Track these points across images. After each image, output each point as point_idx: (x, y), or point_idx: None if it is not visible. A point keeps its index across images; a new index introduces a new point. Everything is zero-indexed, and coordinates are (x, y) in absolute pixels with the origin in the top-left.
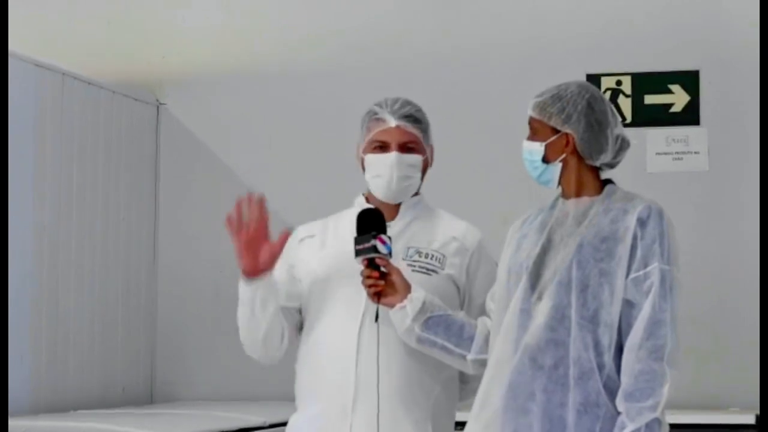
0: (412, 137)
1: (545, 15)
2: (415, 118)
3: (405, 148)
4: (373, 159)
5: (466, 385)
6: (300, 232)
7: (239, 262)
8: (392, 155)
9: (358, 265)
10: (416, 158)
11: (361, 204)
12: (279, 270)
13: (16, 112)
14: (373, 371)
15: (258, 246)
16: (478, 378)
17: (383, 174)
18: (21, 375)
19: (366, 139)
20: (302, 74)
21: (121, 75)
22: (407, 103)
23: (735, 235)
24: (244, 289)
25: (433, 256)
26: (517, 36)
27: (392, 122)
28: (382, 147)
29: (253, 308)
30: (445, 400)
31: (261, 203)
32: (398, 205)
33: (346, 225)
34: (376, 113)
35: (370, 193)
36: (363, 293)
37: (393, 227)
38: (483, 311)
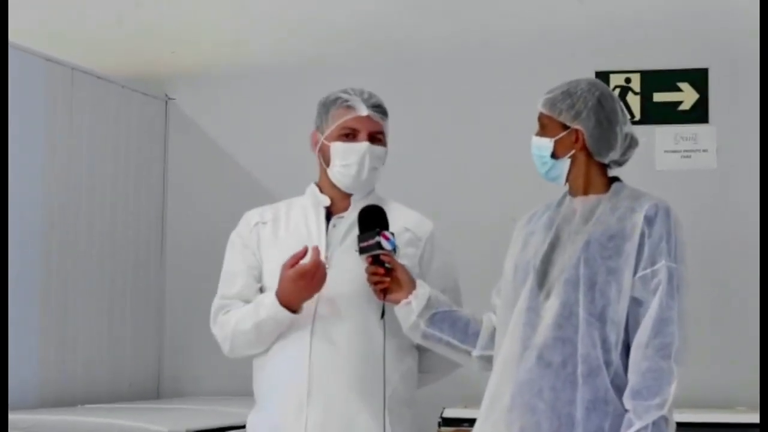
0: (380, 128)
1: (554, 12)
2: (383, 109)
3: (374, 138)
4: (343, 147)
5: (426, 375)
6: (252, 217)
7: (300, 293)
8: (364, 144)
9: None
10: (383, 150)
11: (314, 193)
12: (245, 255)
13: (25, 106)
14: (326, 363)
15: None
16: (437, 368)
17: (354, 163)
18: (29, 369)
19: (333, 126)
20: (311, 70)
21: (131, 70)
22: (373, 94)
23: (743, 233)
24: (285, 316)
25: None
26: (526, 34)
27: (364, 111)
28: (351, 135)
29: (271, 335)
30: (404, 391)
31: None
32: (350, 197)
33: (298, 216)
34: (346, 100)
35: (324, 181)
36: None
37: (346, 218)
38: None
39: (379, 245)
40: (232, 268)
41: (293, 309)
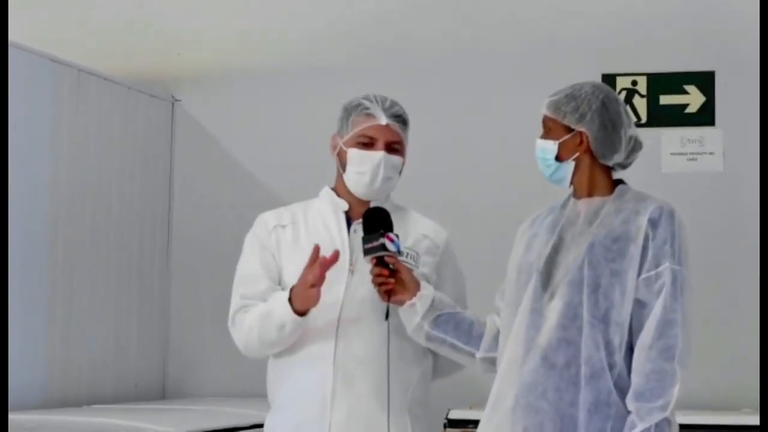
0: (398, 138)
1: (561, 15)
2: (404, 119)
3: (391, 148)
4: (359, 154)
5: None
6: (269, 219)
7: (308, 298)
8: (380, 154)
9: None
10: (399, 160)
11: (329, 196)
12: (264, 257)
13: (32, 107)
14: (350, 366)
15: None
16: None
17: (367, 171)
18: (35, 369)
19: (352, 132)
20: (315, 72)
21: (137, 71)
22: (395, 103)
23: (749, 236)
24: (296, 320)
25: (407, 253)
26: (533, 36)
27: (383, 120)
28: (368, 143)
29: (280, 334)
30: (421, 393)
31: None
32: (367, 203)
33: (317, 221)
34: (366, 108)
35: (341, 185)
36: (340, 290)
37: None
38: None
39: (383, 247)
40: (251, 269)
41: (300, 311)
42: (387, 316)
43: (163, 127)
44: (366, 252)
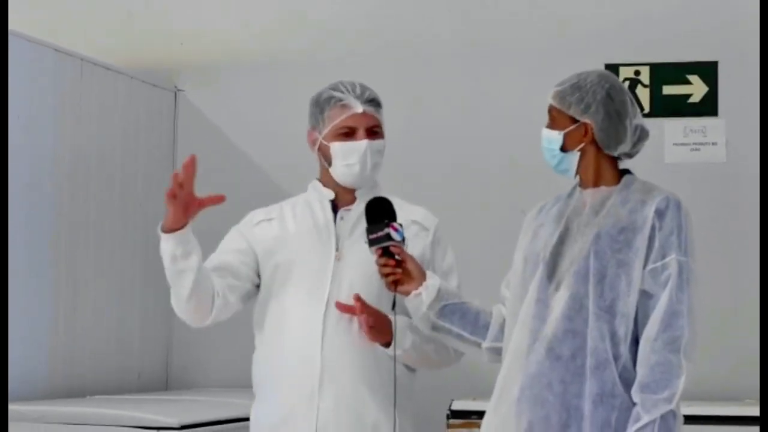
0: (376, 121)
1: (564, 5)
2: (378, 101)
3: (371, 132)
4: (343, 147)
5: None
6: (257, 215)
7: (169, 214)
8: (364, 143)
9: (319, 248)
10: (382, 143)
11: (317, 188)
12: (237, 242)
13: (34, 97)
14: (337, 354)
15: (185, 203)
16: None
17: (356, 162)
18: (38, 360)
19: (330, 126)
20: (320, 63)
21: (140, 61)
22: (365, 87)
23: (751, 226)
24: (165, 244)
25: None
26: (536, 26)
27: (359, 108)
28: (349, 133)
29: (176, 263)
30: (407, 382)
31: (191, 163)
32: (353, 191)
33: (304, 211)
34: (340, 99)
35: (326, 177)
36: (326, 276)
37: (353, 211)
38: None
39: (388, 237)
40: (217, 251)
41: (168, 229)
42: (393, 306)
43: (165, 118)
44: (371, 243)
